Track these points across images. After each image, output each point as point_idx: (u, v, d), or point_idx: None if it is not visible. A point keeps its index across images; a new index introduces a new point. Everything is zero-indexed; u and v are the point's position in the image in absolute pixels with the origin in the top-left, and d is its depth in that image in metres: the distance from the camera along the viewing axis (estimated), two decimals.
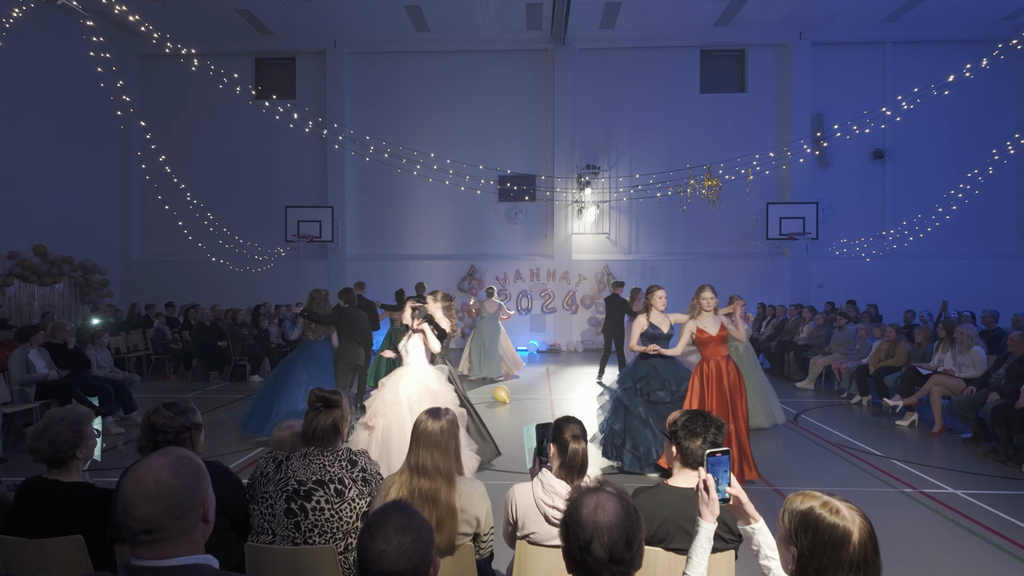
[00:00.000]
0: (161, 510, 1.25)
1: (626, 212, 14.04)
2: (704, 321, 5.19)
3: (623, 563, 1.39)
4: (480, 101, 14.17)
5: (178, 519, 1.27)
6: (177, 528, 1.27)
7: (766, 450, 6.10)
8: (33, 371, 6.60)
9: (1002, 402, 5.80)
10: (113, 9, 8.63)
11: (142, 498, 1.25)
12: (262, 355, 10.49)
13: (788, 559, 1.41)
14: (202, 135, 14.37)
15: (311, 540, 2.28)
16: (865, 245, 13.33)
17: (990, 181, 12.52)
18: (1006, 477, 5.31)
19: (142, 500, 1.25)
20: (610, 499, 1.44)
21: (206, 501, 1.34)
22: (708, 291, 5.19)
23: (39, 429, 2.35)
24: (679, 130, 13.94)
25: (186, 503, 1.29)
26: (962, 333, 6.98)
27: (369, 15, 12.90)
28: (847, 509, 1.37)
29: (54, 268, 11.43)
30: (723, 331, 5.17)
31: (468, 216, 14.20)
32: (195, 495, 1.31)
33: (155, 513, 1.25)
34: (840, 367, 8.90)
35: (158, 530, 1.25)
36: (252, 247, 13.51)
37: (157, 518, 1.25)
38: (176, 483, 1.28)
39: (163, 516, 1.25)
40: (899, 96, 11.40)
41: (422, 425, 2.39)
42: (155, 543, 1.26)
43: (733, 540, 2.18)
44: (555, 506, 2.32)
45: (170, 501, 1.26)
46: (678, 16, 12.85)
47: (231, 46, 13.96)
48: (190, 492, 1.30)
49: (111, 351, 8.74)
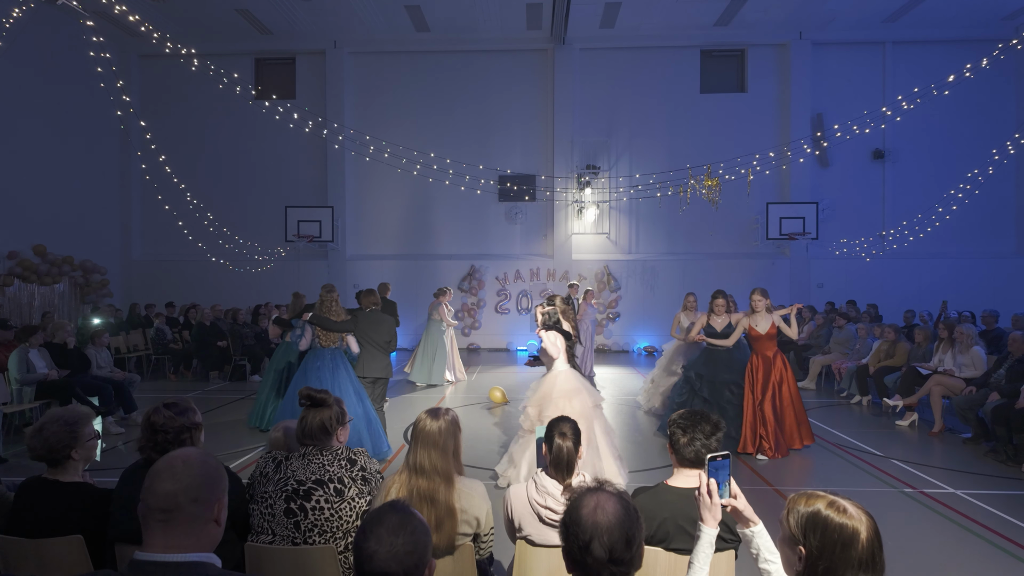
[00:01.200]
0: (183, 487, 1.31)
1: (626, 212, 14.04)
2: (756, 320, 5.99)
3: (623, 563, 1.39)
4: (480, 101, 14.17)
5: (194, 502, 1.32)
6: (190, 512, 1.31)
7: None
8: (33, 371, 6.59)
9: (1002, 402, 5.80)
10: (113, 9, 8.63)
11: (168, 473, 1.32)
12: (262, 355, 10.48)
13: (794, 560, 1.41)
14: (202, 135, 14.37)
15: (311, 540, 2.28)
16: (865, 245, 13.33)
17: (990, 181, 12.52)
18: (1006, 477, 5.31)
19: (168, 475, 1.32)
20: (610, 499, 1.44)
21: (221, 499, 1.39)
22: (757, 294, 6.02)
23: (35, 428, 2.36)
24: (679, 130, 13.93)
25: (206, 488, 1.34)
26: (962, 333, 6.98)
27: (369, 15, 12.90)
28: (854, 508, 1.37)
29: (54, 268, 11.43)
30: (772, 329, 5.97)
31: (468, 216, 14.20)
32: (215, 485, 1.37)
33: (176, 489, 1.30)
34: (840, 367, 8.90)
35: (175, 508, 1.30)
36: (252, 247, 13.51)
37: (175, 495, 1.30)
38: (202, 468, 1.36)
39: (181, 494, 1.30)
40: (899, 96, 11.41)
41: (421, 424, 2.39)
42: (167, 523, 1.30)
43: (733, 540, 2.18)
44: (548, 506, 2.32)
45: (192, 481, 1.32)
46: (678, 16, 12.85)
47: (231, 46, 13.96)
48: (212, 480, 1.37)
49: (111, 351, 8.74)
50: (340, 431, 2.55)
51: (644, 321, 13.72)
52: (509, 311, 14.10)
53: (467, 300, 14.02)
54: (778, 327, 6.03)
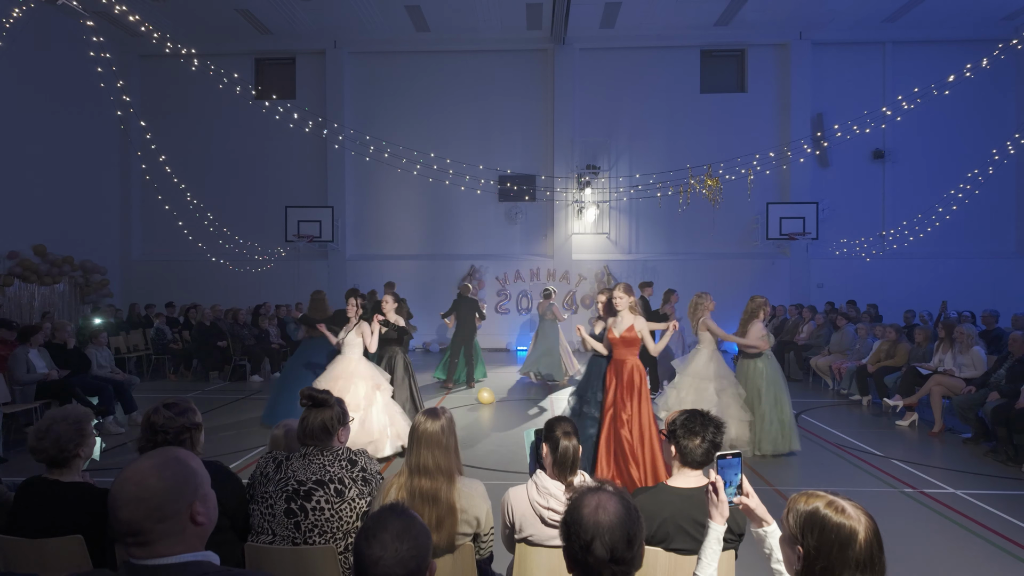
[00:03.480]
0: (143, 514, 1.24)
1: (626, 212, 14.04)
2: (617, 320, 4.95)
3: (624, 563, 1.39)
4: (480, 101, 14.17)
5: (160, 523, 1.25)
6: (160, 531, 1.25)
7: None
8: (33, 371, 6.59)
9: (1002, 402, 5.80)
10: (113, 9, 8.63)
11: (123, 501, 1.24)
12: (262, 355, 10.48)
13: (793, 559, 1.42)
14: (202, 135, 14.38)
15: (311, 540, 2.28)
16: (865, 245, 13.34)
17: (990, 181, 12.52)
18: (1006, 477, 5.31)
19: (124, 503, 1.24)
20: (611, 499, 1.44)
21: (194, 504, 1.31)
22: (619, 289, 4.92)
23: (42, 429, 2.34)
24: (679, 130, 13.93)
25: (169, 507, 1.26)
26: (962, 333, 6.98)
27: (369, 15, 12.90)
28: (852, 508, 1.37)
29: (54, 268, 11.43)
30: (631, 333, 4.82)
31: (468, 216, 14.19)
32: (179, 498, 1.28)
33: (136, 517, 1.23)
34: (840, 367, 8.90)
35: (141, 532, 1.24)
36: (252, 247, 13.51)
37: (139, 522, 1.24)
38: (159, 486, 1.26)
39: (144, 520, 1.24)
40: (899, 96, 11.40)
41: (422, 426, 2.39)
42: (140, 545, 1.25)
43: (734, 540, 2.19)
44: (550, 507, 2.32)
45: (151, 504, 1.24)
46: (678, 16, 12.86)
47: (231, 46, 13.96)
48: (174, 495, 1.28)
49: (111, 351, 8.74)
50: (341, 431, 2.55)
51: None
52: (509, 311, 14.10)
53: None
54: (640, 334, 4.85)
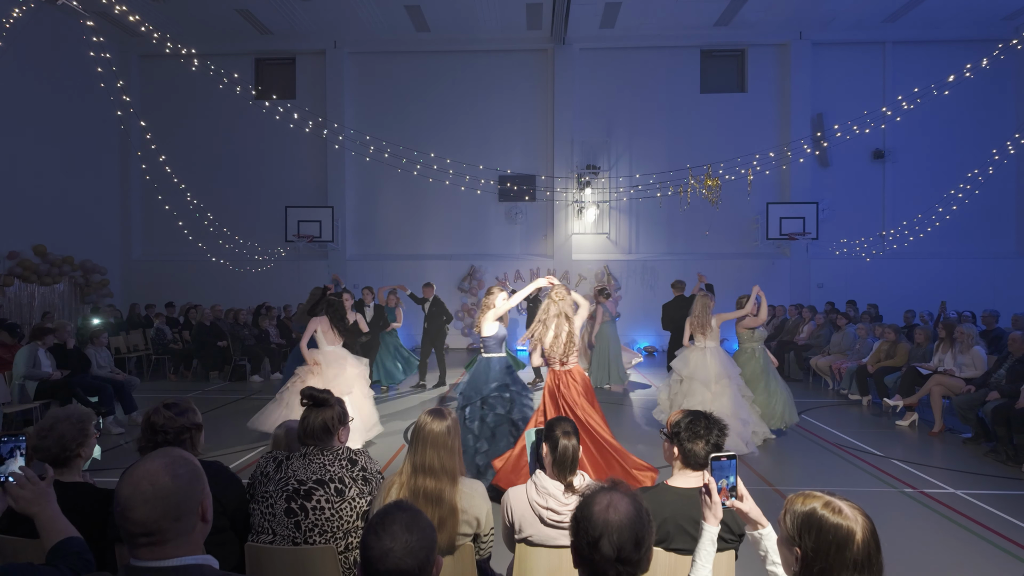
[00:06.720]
0: (160, 513, 1.24)
1: (626, 212, 14.04)
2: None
3: (630, 563, 1.39)
4: (480, 101, 14.17)
5: (176, 521, 1.26)
6: (176, 530, 1.27)
7: (766, 450, 6.11)
8: (39, 367, 6.66)
9: (1002, 402, 5.80)
10: (113, 9, 8.63)
11: (139, 501, 1.24)
12: (262, 355, 10.48)
13: (791, 560, 1.41)
14: (202, 135, 14.37)
15: (311, 540, 2.28)
16: (865, 245, 13.34)
17: (990, 181, 12.52)
18: (1006, 477, 5.31)
19: (139, 503, 1.24)
20: (623, 499, 1.44)
21: (204, 501, 1.34)
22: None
23: (45, 427, 2.33)
24: (679, 130, 13.94)
25: (184, 505, 1.28)
26: (962, 333, 6.98)
27: (369, 15, 12.90)
28: (849, 509, 1.37)
29: (54, 268, 11.43)
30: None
31: (468, 216, 14.20)
32: (193, 496, 1.31)
33: (153, 516, 1.24)
34: (840, 367, 8.90)
35: (157, 532, 1.25)
36: (252, 247, 13.51)
37: (156, 521, 1.24)
38: (173, 485, 1.27)
39: (161, 519, 1.24)
40: (899, 96, 11.40)
41: (427, 426, 2.38)
42: (154, 545, 1.26)
43: (734, 540, 2.19)
44: (549, 507, 2.32)
45: (168, 503, 1.25)
46: (678, 16, 12.86)
47: (231, 46, 13.96)
48: (188, 493, 1.29)
49: (111, 351, 8.74)
50: (341, 431, 2.55)
51: (644, 321, 13.71)
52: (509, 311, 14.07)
53: (467, 300, 14.02)
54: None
